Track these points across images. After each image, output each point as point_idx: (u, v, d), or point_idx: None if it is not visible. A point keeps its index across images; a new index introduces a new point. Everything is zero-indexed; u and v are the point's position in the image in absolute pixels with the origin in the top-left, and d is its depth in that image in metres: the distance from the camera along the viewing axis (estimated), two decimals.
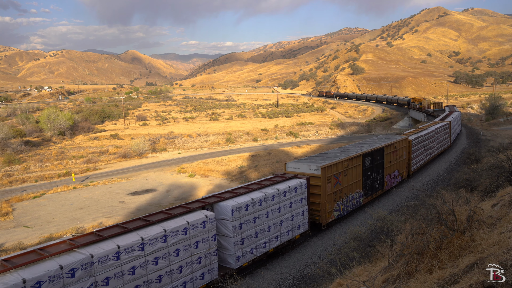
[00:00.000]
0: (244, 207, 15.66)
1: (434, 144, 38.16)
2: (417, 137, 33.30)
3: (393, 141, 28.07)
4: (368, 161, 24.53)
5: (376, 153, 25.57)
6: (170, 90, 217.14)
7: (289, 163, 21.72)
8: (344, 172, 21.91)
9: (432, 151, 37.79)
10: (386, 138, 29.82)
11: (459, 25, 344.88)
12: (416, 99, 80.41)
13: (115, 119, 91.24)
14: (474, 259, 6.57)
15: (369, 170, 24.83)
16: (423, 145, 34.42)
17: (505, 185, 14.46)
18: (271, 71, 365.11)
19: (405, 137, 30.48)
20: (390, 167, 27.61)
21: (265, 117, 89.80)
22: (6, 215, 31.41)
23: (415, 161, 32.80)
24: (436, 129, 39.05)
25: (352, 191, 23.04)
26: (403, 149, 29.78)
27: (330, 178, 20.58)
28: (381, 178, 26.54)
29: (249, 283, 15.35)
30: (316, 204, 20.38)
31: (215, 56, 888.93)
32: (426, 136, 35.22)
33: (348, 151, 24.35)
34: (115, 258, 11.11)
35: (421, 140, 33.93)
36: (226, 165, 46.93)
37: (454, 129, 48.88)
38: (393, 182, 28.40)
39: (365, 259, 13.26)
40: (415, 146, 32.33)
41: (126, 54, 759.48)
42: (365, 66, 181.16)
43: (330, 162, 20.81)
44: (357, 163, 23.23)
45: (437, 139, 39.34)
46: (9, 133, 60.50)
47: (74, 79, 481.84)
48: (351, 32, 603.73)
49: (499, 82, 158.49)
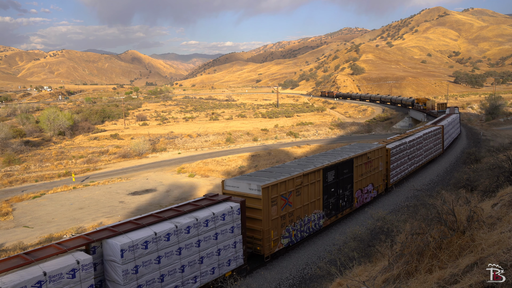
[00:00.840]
0: (142, 245, 12.13)
1: (421, 151, 34.57)
2: (399, 145, 29.63)
3: (365, 150, 24.44)
4: (331, 176, 21.02)
5: (342, 166, 21.96)
6: (170, 90, 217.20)
7: (227, 181, 17.86)
8: (297, 191, 18.39)
9: (419, 159, 34.25)
10: (359, 147, 26.05)
11: (459, 25, 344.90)
12: (420, 100, 78.09)
13: (115, 119, 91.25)
14: (474, 259, 6.57)
15: (333, 186, 21.27)
16: (406, 154, 30.90)
17: (505, 185, 14.47)
18: (271, 71, 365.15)
19: (382, 146, 26.84)
20: (361, 181, 24.02)
21: (265, 117, 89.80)
22: (6, 215, 31.41)
23: (395, 172, 29.08)
24: (425, 134, 35.42)
25: (308, 212, 19.40)
26: (379, 159, 26.15)
27: (275, 200, 17.12)
28: (349, 194, 22.92)
29: (249, 283, 15.35)
30: (257, 232, 16.83)
31: (215, 56, 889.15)
32: (410, 143, 31.70)
33: (307, 164, 20.69)
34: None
35: (403, 148, 30.33)
36: (226, 165, 46.93)
37: (449, 133, 45.16)
38: (365, 198, 24.80)
39: (365, 259, 13.27)
40: (395, 155, 28.65)
41: (126, 54, 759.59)
42: (365, 66, 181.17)
43: (276, 180, 17.24)
44: (316, 179, 19.71)
45: (426, 145, 35.91)
46: (9, 133, 60.49)
47: (74, 79, 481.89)
48: (351, 32, 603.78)
49: (499, 82, 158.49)
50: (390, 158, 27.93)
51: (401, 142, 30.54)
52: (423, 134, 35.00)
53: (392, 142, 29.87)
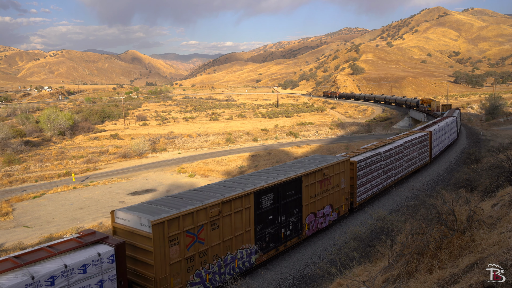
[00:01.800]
0: None
1: (402, 162, 30.43)
2: (370, 157, 25.12)
3: (320, 166, 20.27)
4: (268, 200, 16.92)
5: (285, 186, 17.79)
6: (170, 90, 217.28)
7: (118, 212, 13.87)
8: (213, 224, 14.49)
9: (398, 171, 30.01)
10: (315, 161, 21.77)
11: (459, 25, 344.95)
12: (425, 101, 75.15)
13: (115, 119, 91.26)
14: (474, 259, 6.57)
15: (271, 212, 17.14)
16: (380, 166, 26.64)
17: (505, 185, 14.47)
18: (271, 71, 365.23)
19: (345, 159, 22.53)
20: (314, 203, 19.93)
21: (265, 117, 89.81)
22: (6, 215, 31.42)
23: (364, 188, 24.74)
24: (407, 142, 31.18)
25: (232, 249, 15.36)
26: (341, 175, 22.07)
27: (177, 238, 13.18)
28: (296, 221, 18.74)
29: (249, 283, 15.35)
30: (149, 281, 12.95)
31: (215, 56, 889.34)
32: (386, 154, 27.42)
33: (235, 186, 16.60)
34: None
35: (375, 160, 25.96)
36: (226, 165, 46.94)
37: (440, 140, 40.55)
38: (321, 222, 20.69)
39: (365, 259, 13.27)
40: (363, 169, 24.38)
41: (126, 54, 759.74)
42: (365, 66, 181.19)
43: (178, 211, 13.28)
44: (244, 206, 15.72)
45: (409, 155, 31.74)
46: (9, 133, 60.48)
47: (74, 79, 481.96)
48: (351, 32, 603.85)
49: (499, 82, 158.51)
50: (357, 172, 23.55)
51: (374, 152, 26.12)
52: (404, 142, 30.79)
53: (361, 154, 25.56)
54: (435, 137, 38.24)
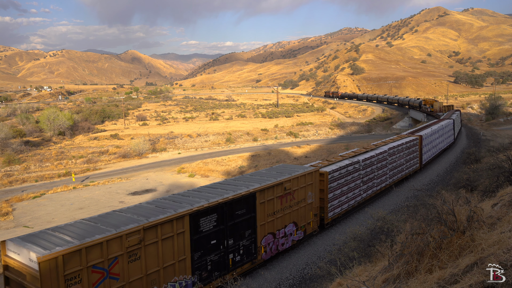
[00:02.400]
0: None
1: (386, 170, 27.68)
2: (345, 166, 22.45)
3: (280, 179, 17.65)
4: (210, 222, 14.42)
5: (233, 205, 15.28)
6: (170, 90, 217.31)
7: (9, 242, 11.18)
8: (132, 254, 11.98)
9: (380, 180, 27.14)
10: (279, 173, 18.94)
11: (459, 25, 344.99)
12: (428, 101, 73.78)
13: (115, 119, 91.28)
14: (474, 259, 6.57)
15: (213, 236, 14.62)
16: (358, 176, 24.00)
17: (505, 185, 14.48)
18: (271, 71, 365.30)
19: (313, 170, 19.90)
20: (273, 221, 17.33)
21: (265, 117, 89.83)
22: (6, 215, 31.43)
23: (338, 202, 22.14)
24: (391, 149, 28.27)
25: (159, 283, 12.89)
26: (308, 188, 19.45)
27: (77, 276, 10.68)
28: (249, 244, 16.17)
29: (249, 283, 15.35)
30: None
31: (215, 56, 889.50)
32: (365, 162, 24.75)
33: (168, 207, 13.91)
34: None
35: (352, 170, 23.33)
36: (226, 165, 46.95)
37: (432, 144, 37.81)
38: (282, 243, 18.03)
39: (365, 259, 13.28)
40: (337, 180, 21.71)
41: (126, 54, 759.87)
42: (365, 66, 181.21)
43: (80, 243, 10.73)
44: (175, 231, 13.13)
45: (394, 162, 28.95)
46: (9, 133, 60.49)
47: (74, 79, 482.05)
48: (351, 32, 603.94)
49: (499, 82, 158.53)
50: (329, 184, 21.12)
51: (351, 161, 23.47)
52: (389, 148, 28.00)
53: (336, 163, 22.83)
54: (426, 141, 35.36)
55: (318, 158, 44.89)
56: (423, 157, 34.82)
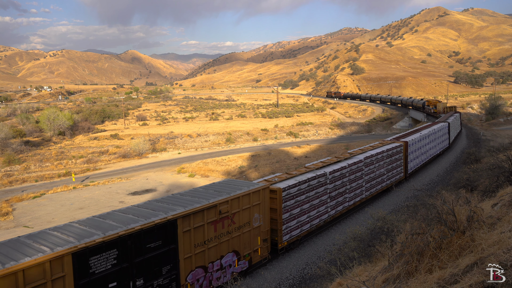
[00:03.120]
0: None
1: (362, 182, 24.67)
2: (305, 181, 19.29)
3: (214, 201, 14.70)
4: (107, 261, 11.44)
5: (141, 238, 12.34)
6: (170, 90, 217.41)
7: None
8: None
9: (354, 194, 24.05)
10: (217, 192, 15.91)
11: (459, 25, 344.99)
12: (431, 102, 72.02)
13: (115, 119, 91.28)
14: (474, 259, 6.57)
15: (112, 278, 11.61)
16: (324, 191, 20.88)
17: (505, 185, 14.48)
18: (271, 71, 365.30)
19: (261, 187, 16.62)
20: (204, 252, 14.48)
21: (265, 117, 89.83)
22: (6, 215, 31.43)
23: (296, 223, 18.95)
24: (369, 158, 25.26)
25: None
26: (254, 209, 16.36)
27: None
28: (167, 282, 13.26)
29: (249, 283, 15.36)
30: None
31: (215, 56, 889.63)
32: (334, 175, 21.57)
33: (46, 241, 11.04)
34: None
35: (316, 184, 20.13)
36: (226, 165, 46.95)
37: (421, 151, 34.70)
38: (218, 277, 15.10)
39: (365, 259, 13.28)
40: (294, 197, 18.62)
41: (126, 54, 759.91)
42: (365, 66, 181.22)
43: None
44: (52, 276, 10.25)
45: (372, 172, 25.87)
46: (9, 133, 60.50)
47: (74, 79, 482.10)
48: (351, 32, 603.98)
49: (499, 82, 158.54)
50: (284, 203, 18.03)
51: (316, 174, 20.34)
52: (365, 157, 24.89)
53: (295, 176, 19.72)
54: (413, 148, 32.23)
55: (318, 158, 44.88)
56: (408, 166, 31.64)
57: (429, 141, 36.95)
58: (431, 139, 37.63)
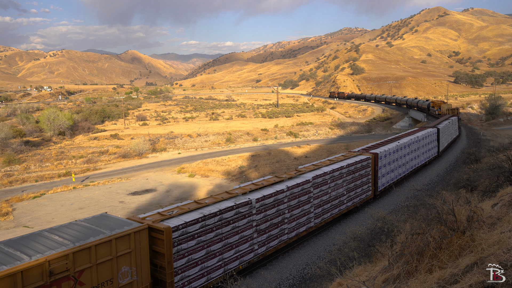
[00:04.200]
0: None
1: (309, 207, 19.74)
2: (211, 215, 14.44)
3: (42, 257, 10.31)
4: None
5: None
6: (170, 90, 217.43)
7: None
8: None
9: (297, 223, 19.00)
10: (75, 238, 11.58)
11: (459, 25, 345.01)
12: (436, 103, 69.94)
13: (115, 119, 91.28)
14: (474, 259, 6.57)
15: None
16: (247, 225, 16.01)
17: (505, 185, 14.48)
18: (271, 71, 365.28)
19: (132, 230, 12.35)
20: None
21: (265, 117, 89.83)
22: (6, 215, 31.43)
23: (201, 270, 14.31)
24: (319, 177, 20.30)
25: None
26: (121, 260, 12.10)
27: None
28: None
29: (249, 283, 15.35)
30: None
31: (215, 56, 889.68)
32: (263, 204, 16.70)
33: None
34: None
35: (234, 218, 15.40)
36: (226, 165, 46.95)
37: (398, 163, 29.87)
38: None
39: (365, 259, 13.28)
40: (196, 237, 14.02)
41: (126, 54, 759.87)
42: (365, 66, 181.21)
43: None
44: None
45: (326, 194, 21.10)
46: (9, 133, 60.48)
47: (74, 79, 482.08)
48: (351, 32, 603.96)
49: (499, 82, 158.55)
50: (178, 246, 13.43)
51: (233, 204, 15.31)
52: (314, 177, 19.98)
53: (199, 209, 14.73)
54: (385, 160, 27.55)
55: (318, 158, 44.89)
56: (379, 182, 26.85)
57: (411, 151, 32.33)
58: (413, 148, 32.99)
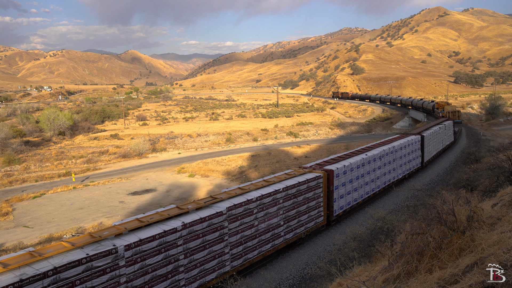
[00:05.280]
0: None
1: (220, 248, 14.75)
2: (94, 257, 10.63)
3: None
4: None
5: None
6: (170, 90, 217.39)
7: None
8: None
9: (202, 271, 14.00)
10: None
11: (459, 25, 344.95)
12: (440, 105, 67.64)
13: (115, 119, 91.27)
14: (474, 259, 6.57)
15: None
16: (110, 283, 11.16)
17: (505, 185, 14.48)
18: (271, 71, 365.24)
19: None
20: None
21: (265, 117, 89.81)
22: (6, 215, 31.42)
23: None
24: (238, 206, 15.42)
25: None
26: None
27: None
28: None
29: (249, 283, 15.35)
30: None
31: (215, 56, 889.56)
32: (143, 252, 12.00)
33: None
34: None
35: (85, 277, 10.46)
36: (226, 165, 46.94)
37: (366, 178, 25.00)
38: None
39: (365, 259, 13.27)
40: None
41: (126, 54, 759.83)
42: (365, 66, 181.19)
43: None
44: None
45: (253, 227, 16.21)
46: (9, 133, 60.49)
47: (74, 79, 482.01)
48: (351, 32, 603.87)
49: (499, 82, 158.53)
50: None
51: (102, 250, 11.07)
52: (229, 208, 15.02)
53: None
54: (344, 178, 22.56)
55: (318, 158, 44.86)
56: (336, 204, 21.94)
57: (383, 164, 27.49)
58: (387, 160, 28.07)
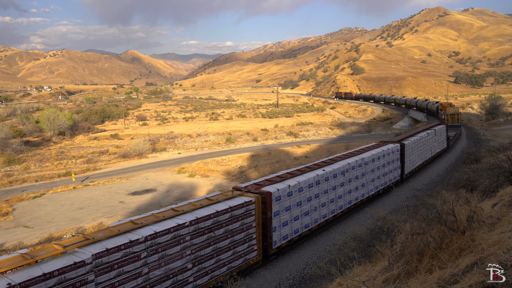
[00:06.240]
0: None
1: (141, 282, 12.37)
2: None
3: None
4: None
5: None
6: (170, 90, 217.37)
7: None
8: None
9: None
10: None
11: (459, 25, 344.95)
12: (443, 106, 65.89)
13: (115, 119, 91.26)
14: (474, 259, 6.57)
15: None
16: None
17: (505, 185, 14.47)
18: (271, 71, 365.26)
19: None
20: None
21: (265, 117, 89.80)
22: (6, 215, 31.42)
23: None
24: (116, 250, 11.54)
25: None
26: None
27: None
28: None
29: (249, 283, 15.35)
30: None
31: (215, 56, 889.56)
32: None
33: None
34: None
35: None
36: (226, 165, 46.94)
37: (323, 199, 21.14)
38: None
39: (365, 259, 13.27)
40: None
41: (126, 54, 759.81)
42: (365, 66, 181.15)
43: None
44: None
45: (167, 263, 13.16)
46: (9, 133, 60.48)
47: (74, 79, 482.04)
48: (351, 32, 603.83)
49: (499, 82, 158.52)
50: None
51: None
52: (97, 254, 11.21)
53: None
54: (290, 202, 18.73)
55: (318, 158, 44.85)
56: (276, 234, 17.98)
57: (347, 179, 23.32)
58: (353, 176, 23.83)
